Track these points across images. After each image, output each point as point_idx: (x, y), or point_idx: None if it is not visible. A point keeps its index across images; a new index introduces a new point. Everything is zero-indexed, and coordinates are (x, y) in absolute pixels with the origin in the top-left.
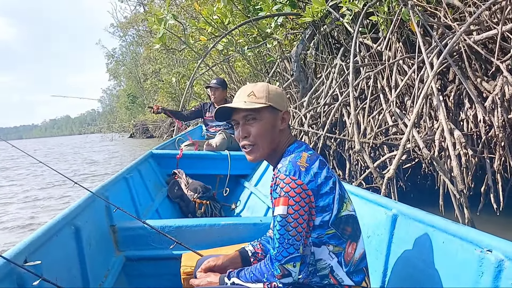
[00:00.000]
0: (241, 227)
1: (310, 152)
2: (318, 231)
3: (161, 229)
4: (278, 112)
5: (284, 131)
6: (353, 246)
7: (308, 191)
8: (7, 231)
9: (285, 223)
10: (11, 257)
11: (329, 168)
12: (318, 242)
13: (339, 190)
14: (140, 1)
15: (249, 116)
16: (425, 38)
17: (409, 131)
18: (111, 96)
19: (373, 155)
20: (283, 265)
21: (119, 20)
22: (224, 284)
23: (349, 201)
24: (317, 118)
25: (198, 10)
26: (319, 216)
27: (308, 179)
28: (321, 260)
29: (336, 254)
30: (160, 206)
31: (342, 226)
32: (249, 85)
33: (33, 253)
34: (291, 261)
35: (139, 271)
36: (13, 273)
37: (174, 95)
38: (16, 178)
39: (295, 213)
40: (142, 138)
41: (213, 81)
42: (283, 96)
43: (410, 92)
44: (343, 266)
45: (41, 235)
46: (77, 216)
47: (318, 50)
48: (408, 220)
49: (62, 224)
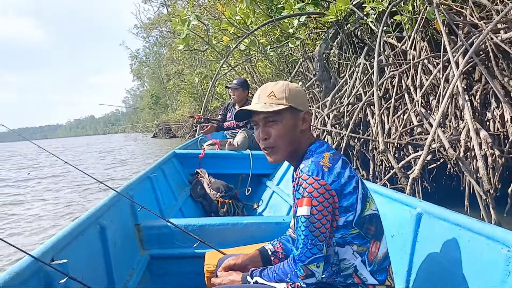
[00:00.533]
0: (264, 226)
1: (332, 151)
2: (342, 231)
3: (184, 228)
4: (299, 113)
5: (305, 131)
6: (377, 245)
7: (331, 191)
8: (33, 230)
9: (309, 224)
10: (39, 255)
11: (351, 168)
12: (342, 242)
13: (362, 189)
14: (163, 2)
15: (269, 118)
16: (450, 37)
17: (435, 131)
18: (134, 97)
19: (398, 156)
20: (307, 266)
21: (143, 21)
22: (246, 283)
23: (372, 200)
24: (340, 118)
25: (221, 10)
26: (342, 216)
27: (332, 179)
28: (345, 260)
29: (360, 253)
30: (184, 205)
31: (366, 226)
32: (269, 84)
33: (60, 252)
34: (314, 261)
35: (164, 270)
36: (41, 271)
37: (196, 95)
38: (43, 177)
39: (319, 214)
40: (165, 138)
41: (234, 81)
42: (304, 96)
43: (435, 91)
44: (366, 265)
45: (67, 234)
46: (102, 215)
47: (342, 50)
48: (432, 218)
49: (87, 223)
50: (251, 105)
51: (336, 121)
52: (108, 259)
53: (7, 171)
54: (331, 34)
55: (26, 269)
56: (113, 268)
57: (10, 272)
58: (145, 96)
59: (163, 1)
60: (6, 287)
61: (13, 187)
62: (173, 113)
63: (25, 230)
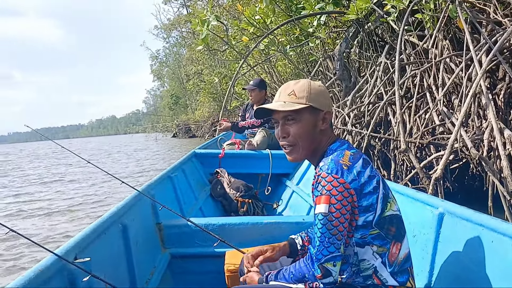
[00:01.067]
0: (284, 226)
1: (353, 150)
2: (361, 232)
3: (205, 227)
4: (319, 112)
5: (326, 130)
6: (398, 246)
7: (350, 190)
8: (56, 228)
9: (326, 221)
10: (62, 254)
11: (372, 167)
12: (362, 242)
13: (383, 189)
14: (183, 3)
15: (288, 117)
16: (473, 36)
17: (457, 130)
18: (155, 97)
19: (419, 155)
20: (323, 264)
21: (163, 22)
22: (262, 280)
23: (393, 201)
24: (361, 117)
25: (240, 10)
26: (362, 216)
27: (351, 178)
28: (364, 261)
29: (380, 254)
30: (204, 205)
31: (386, 226)
32: (291, 82)
33: (83, 250)
34: (331, 260)
35: (184, 269)
36: (64, 269)
37: (215, 95)
38: (66, 176)
39: (337, 212)
40: (185, 137)
41: (251, 82)
42: (326, 95)
43: (457, 90)
44: (387, 267)
45: (89, 233)
46: (124, 214)
47: (362, 48)
48: (455, 218)
49: (110, 222)
50: (271, 104)
51: (356, 121)
52: (130, 257)
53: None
54: (351, 33)
55: (50, 267)
56: (134, 267)
57: (34, 270)
58: (165, 96)
59: (183, 1)
60: (30, 285)
61: (42, 185)
62: (193, 113)
63: (47, 228)
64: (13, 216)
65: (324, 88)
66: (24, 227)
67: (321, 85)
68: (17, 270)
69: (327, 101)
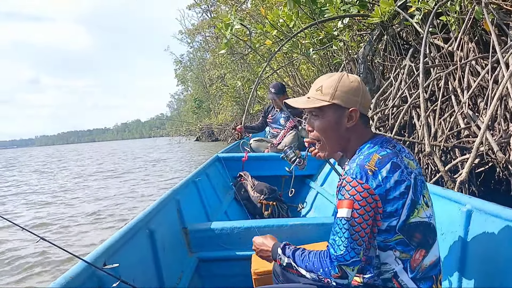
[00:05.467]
0: (310, 227)
1: (383, 153)
2: (384, 236)
3: (230, 231)
4: (344, 110)
5: (354, 129)
6: (422, 252)
7: (375, 196)
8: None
9: (349, 226)
10: (92, 260)
11: (403, 171)
12: (384, 246)
13: (413, 195)
14: (207, 8)
15: (313, 112)
16: (500, 38)
17: (483, 133)
18: (178, 101)
19: (444, 159)
20: (342, 267)
21: (187, 27)
22: (276, 254)
23: (422, 207)
24: (385, 120)
25: (264, 14)
26: (385, 222)
27: (376, 184)
28: (386, 264)
29: (403, 260)
30: (228, 208)
31: (410, 233)
32: (324, 76)
33: (111, 256)
34: (351, 265)
35: (212, 272)
36: (94, 276)
37: (238, 99)
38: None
39: (360, 218)
40: (208, 141)
41: (271, 90)
42: (357, 92)
43: (483, 93)
44: (408, 272)
45: (118, 238)
46: (151, 219)
47: (386, 51)
48: (484, 215)
49: (137, 227)
50: (295, 99)
51: (380, 124)
52: (157, 262)
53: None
54: (375, 35)
55: (81, 274)
56: (162, 272)
57: (65, 277)
58: (189, 100)
59: (206, 6)
60: None
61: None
62: (216, 117)
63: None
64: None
65: (358, 84)
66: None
67: (355, 81)
68: (41, 275)
69: (356, 98)
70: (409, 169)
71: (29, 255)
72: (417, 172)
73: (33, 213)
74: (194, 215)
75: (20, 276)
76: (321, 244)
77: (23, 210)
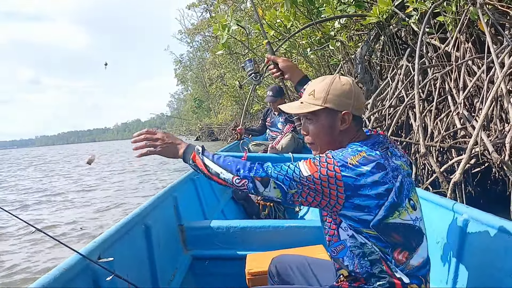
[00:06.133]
0: (306, 230)
1: (371, 153)
2: (353, 223)
3: (226, 230)
4: (337, 113)
5: (347, 131)
6: (405, 254)
7: (339, 182)
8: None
9: (297, 180)
10: (86, 253)
11: (387, 174)
12: (356, 231)
13: (394, 197)
14: (206, 7)
15: (307, 116)
16: (497, 38)
17: (477, 133)
18: (178, 101)
19: (441, 159)
20: (270, 179)
21: (187, 27)
22: (192, 147)
23: (406, 210)
24: (382, 120)
25: (261, 15)
26: (350, 211)
27: (347, 174)
28: (366, 245)
29: (382, 252)
30: (225, 207)
31: (387, 232)
32: (317, 80)
33: (106, 250)
34: (278, 186)
35: (206, 270)
36: (88, 269)
37: (238, 98)
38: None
39: (311, 184)
40: (208, 140)
41: (268, 93)
42: (349, 94)
43: (479, 93)
44: (392, 263)
45: (113, 233)
46: (147, 215)
47: (384, 51)
48: (480, 225)
49: (133, 223)
50: (288, 104)
51: (377, 124)
52: (152, 258)
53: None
54: (372, 36)
55: (75, 266)
56: (157, 268)
57: (59, 269)
58: (189, 100)
59: (206, 6)
60: (55, 283)
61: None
62: (216, 116)
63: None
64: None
65: (350, 86)
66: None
67: (347, 83)
68: (39, 268)
69: (349, 101)
70: (396, 172)
71: (23, 247)
72: (405, 173)
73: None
74: (190, 212)
75: (13, 269)
76: (318, 247)
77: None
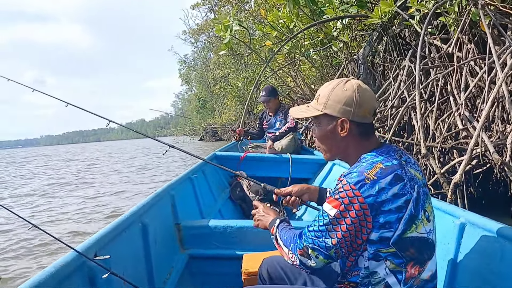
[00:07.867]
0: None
1: (388, 163)
2: (376, 246)
3: (223, 229)
4: (336, 120)
5: (351, 137)
6: (417, 268)
7: (363, 205)
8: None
9: (329, 223)
10: (83, 250)
11: (405, 185)
12: (375, 256)
13: (412, 209)
14: (211, 7)
15: (313, 120)
16: (500, 39)
17: (477, 134)
18: (182, 101)
19: (443, 160)
20: (308, 248)
21: (191, 27)
22: (270, 228)
23: (422, 222)
24: (384, 121)
25: (264, 16)
26: (376, 232)
27: (369, 193)
28: (376, 273)
29: (394, 272)
30: (223, 207)
31: (405, 247)
32: (326, 84)
33: (103, 248)
34: (316, 251)
35: (202, 270)
36: (84, 266)
37: (242, 99)
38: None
39: (342, 220)
40: (211, 140)
41: (262, 93)
42: (349, 101)
43: (482, 94)
44: (401, 284)
45: (110, 230)
46: (144, 213)
47: (386, 52)
48: (477, 229)
49: (130, 220)
50: (294, 108)
51: (380, 125)
52: (148, 257)
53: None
54: (375, 36)
55: (71, 263)
56: (153, 266)
57: (55, 266)
58: (193, 100)
59: (210, 6)
60: (51, 280)
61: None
62: (220, 116)
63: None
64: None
65: (352, 92)
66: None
67: (349, 89)
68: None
69: (348, 108)
70: (413, 182)
71: (20, 243)
72: (421, 183)
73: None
74: (188, 211)
75: (8, 264)
76: None
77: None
